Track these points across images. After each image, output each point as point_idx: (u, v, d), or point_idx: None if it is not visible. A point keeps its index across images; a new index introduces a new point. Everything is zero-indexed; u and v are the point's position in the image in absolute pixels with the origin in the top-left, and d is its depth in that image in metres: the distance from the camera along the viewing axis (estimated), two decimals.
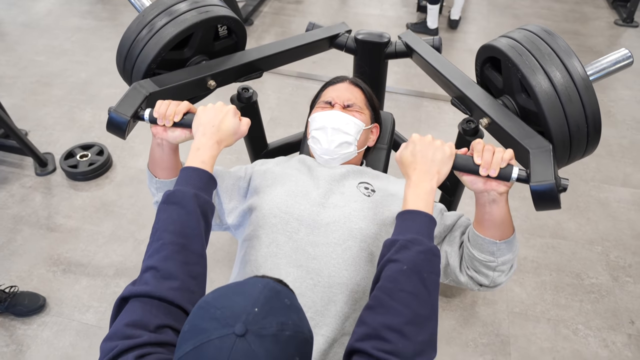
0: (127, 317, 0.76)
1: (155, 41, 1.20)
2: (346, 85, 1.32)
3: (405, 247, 0.83)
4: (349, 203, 1.10)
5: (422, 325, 0.78)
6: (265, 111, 2.93)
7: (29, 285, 1.96)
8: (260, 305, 0.61)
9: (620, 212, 2.33)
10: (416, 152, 0.95)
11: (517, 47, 1.08)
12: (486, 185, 0.94)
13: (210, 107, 1.04)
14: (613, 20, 3.89)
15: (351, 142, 1.22)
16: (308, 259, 1.02)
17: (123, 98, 1.12)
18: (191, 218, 0.88)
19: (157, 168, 1.13)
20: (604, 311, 1.92)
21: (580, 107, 1.01)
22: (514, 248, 1.00)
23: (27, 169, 2.50)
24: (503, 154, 0.92)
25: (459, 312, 1.91)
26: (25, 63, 3.31)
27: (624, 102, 3.05)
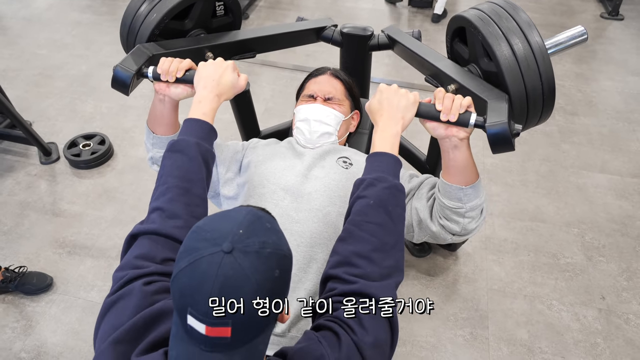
0: (136, 251, 0.86)
1: (159, 8, 1.30)
2: (327, 77, 1.44)
3: (372, 185, 0.93)
4: (328, 174, 1.22)
5: (388, 252, 0.88)
6: (260, 102, 3.04)
7: (36, 266, 2.08)
8: (244, 227, 0.67)
9: (597, 196, 2.45)
10: (382, 100, 1.05)
11: (483, 16, 1.19)
12: (447, 131, 1.03)
13: (210, 62, 1.12)
14: (599, 13, 4.00)
15: (332, 133, 1.34)
16: (292, 222, 1.14)
17: (128, 56, 1.19)
18: (193, 164, 0.97)
19: (156, 124, 1.23)
20: (577, 288, 2.05)
21: (537, 73, 1.11)
22: (480, 193, 1.09)
23: (32, 158, 2.61)
24: (462, 100, 1.02)
25: (441, 290, 2.04)
26: (27, 56, 3.41)
27: (606, 92, 3.16)
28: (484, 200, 1.11)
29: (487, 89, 1.17)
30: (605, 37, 3.74)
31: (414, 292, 2.02)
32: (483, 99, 1.12)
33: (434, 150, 1.70)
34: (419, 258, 2.15)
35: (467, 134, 1.04)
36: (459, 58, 1.40)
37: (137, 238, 0.89)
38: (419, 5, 4.04)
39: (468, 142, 1.06)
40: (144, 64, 1.19)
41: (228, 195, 1.31)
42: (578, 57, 3.46)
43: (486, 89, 1.17)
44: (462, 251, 2.18)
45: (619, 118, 2.96)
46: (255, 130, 1.72)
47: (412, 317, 1.93)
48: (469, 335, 1.88)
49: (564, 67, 3.35)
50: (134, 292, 0.79)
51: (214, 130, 1.07)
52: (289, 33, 1.60)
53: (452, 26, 1.36)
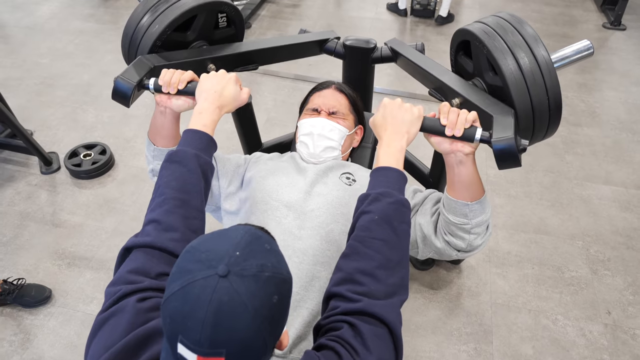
0: (130, 265, 0.83)
1: (161, 19, 1.30)
2: (331, 91, 1.43)
3: (377, 200, 0.91)
4: (331, 191, 1.21)
5: (393, 269, 0.86)
6: (262, 112, 3.03)
7: (35, 278, 2.06)
8: (241, 249, 0.64)
9: (601, 208, 2.43)
10: (386, 114, 1.04)
11: (488, 30, 1.18)
12: (452, 146, 1.01)
13: (213, 74, 1.11)
14: (601, 23, 3.99)
15: (335, 147, 1.33)
16: (294, 239, 1.13)
17: (129, 67, 1.18)
18: (192, 176, 0.95)
19: (157, 136, 1.22)
20: (583, 302, 2.02)
21: (543, 88, 1.10)
22: (486, 209, 1.07)
23: (33, 167, 2.60)
24: (467, 115, 1.00)
25: (445, 304, 2.01)
26: (29, 65, 3.41)
27: (609, 103, 3.15)
28: (489, 216, 1.09)
29: (493, 103, 1.16)
30: (608, 47, 3.73)
31: (417, 306, 2.00)
32: (489, 113, 1.10)
33: (438, 163, 1.69)
34: (422, 271, 2.13)
35: (472, 149, 1.02)
36: (463, 71, 1.39)
37: (131, 251, 0.87)
38: (421, 15, 4.04)
39: (473, 157, 1.04)
40: (146, 76, 1.19)
41: (230, 210, 1.29)
42: (581, 68, 3.45)
43: (492, 103, 1.16)
44: (466, 264, 2.16)
45: (623, 129, 2.94)
46: (257, 142, 1.70)
47: (415, 332, 1.90)
48: (472, 351, 1.86)
49: (566, 78, 3.34)
50: (127, 308, 0.77)
51: (214, 142, 1.05)
52: (291, 45, 1.59)
53: (457, 39, 1.35)
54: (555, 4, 4.32)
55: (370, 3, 4.31)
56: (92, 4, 4.21)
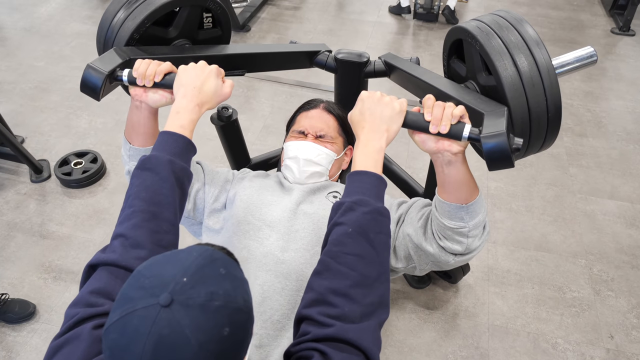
0: (92, 285, 0.77)
1: (139, 11, 1.20)
2: (319, 112, 1.36)
3: (351, 209, 0.83)
4: (317, 211, 1.14)
5: (371, 287, 0.78)
6: (259, 119, 2.96)
7: (20, 292, 2.01)
8: (190, 274, 0.59)
9: (605, 224, 2.34)
10: (364, 110, 0.93)
11: (483, 27, 1.09)
12: (438, 145, 0.92)
13: (192, 67, 1.00)
14: (610, 28, 3.89)
15: (323, 173, 1.27)
16: (277, 263, 1.06)
17: (101, 57, 1.06)
18: (164, 185, 0.87)
19: (133, 133, 1.12)
20: (584, 325, 1.94)
21: (541, 90, 1.01)
22: (482, 209, 0.98)
23: (23, 175, 2.55)
24: (454, 109, 0.89)
25: (440, 325, 1.94)
26: (24, 69, 3.37)
27: (616, 112, 3.06)
28: (486, 214, 1.00)
29: (484, 102, 1.05)
30: (616, 53, 3.63)
31: (412, 327, 1.93)
32: (479, 111, 0.98)
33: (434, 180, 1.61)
34: (418, 289, 2.06)
35: (461, 148, 0.92)
36: (456, 76, 1.31)
37: (96, 269, 0.80)
38: (424, 19, 3.96)
39: (463, 156, 0.94)
40: (119, 67, 1.06)
41: (212, 227, 1.22)
42: (587, 75, 3.35)
43: (483, 102, 1.05)
44: (463, 283, 2.08)
45: (630, 140, 2.85)
46: (245, 159, 1.64)
47: (409, 354, 1.83)
48: None
49: (572, 85, 3.25)
50: (82, 336, 0.71)
51: (192, 145, 0.96)
52: (279, 54, 1.52)
53: (449, 40, 1.27)
54: (563, 7, 4.22)
55: (372, 6, 4.23)
56: (90, 6, 4.16)
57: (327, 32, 3.84)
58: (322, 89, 3.18)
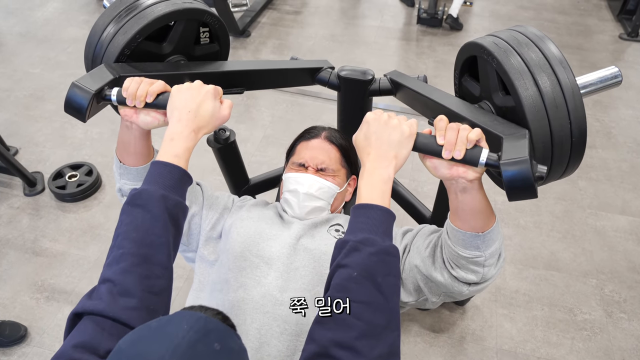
0: (76, 337, 0.70)
1: (130, 25, 1.10)
2: (320, 142, 1.28)
3: (356, 249, 0.75)
4: (319, 246, 1.07)
5: (379, 337, 0.71)
6: (259, 129, 2.89)
7: (11, 313, 1.94)
8: (179, 355, 0.53)
9: (617, 242, 2.26)
10: (370, 134, 0.85)
11: (501, 43, 1.00)
12: (452, 171, 0.83)
13: (187, 87, 0.91)
14: (618, 34, 3.80)
15: (324, 208, 1.20)
16: (275, 304, 0.99)
17: (88, 74, 0.97)
18: (157, 224, 0.79)
19: (124, 153, 1.03)
20: (596, 350, 1.87)
21: (565, 113, 0.92)
22: (499, 236, 0.90)
23: (16, 188, 2.48)
24: (469, 133, 0.81)
25: (447, 349, 1.87)
26: (19, 75, 3.29)
27: (626, 122, 2.98)
28: (502, 242, 0.92)
29: (502, 124, 0.95)
30: (625, 60, 3.55)
31: (417, 352, 1.86)
32: (497, 134, 0.88)
33: (443, 202, 1.53)
34: (423, 311, 1.99)
35: (477, 175, 0.83)
36: (469, 96, 1.23)
37: (81, 317, 0.72)
38: (428, 24, 3.88)
39: (480, 182, 0.85)
40: (107, 85, 0.96)
41: (207, 258, 1.15)
42: None
43: (500, 124, 0.95)
44: (471, 304, 2.01)
45: None
46: (243, 179, 1.56)
47: None
48: None
49: None
50: None
51: (188, 176, 0.87)
52: (279, 70, 1.44)
53: (462, 57, 1.17)
54: (569, 12, 4.13)
55: (374, 11, 4.15)
56: (88, 10, 4.08)
57: (328, 38, 3.76)
58: (324, 97, 3.11)
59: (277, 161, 2.58)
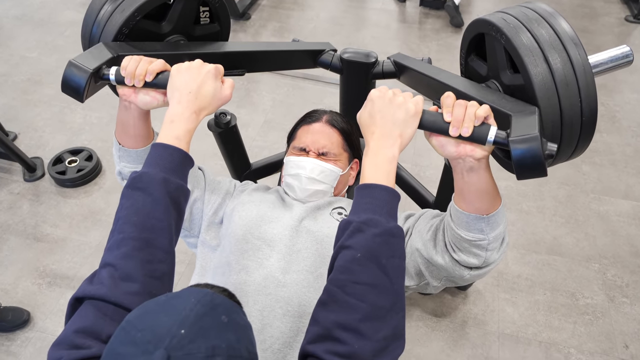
0: (77, 323, 0.69)
1: (129, 2, 1.07)
2: (321, 126, 1.26)
3: (359, 230, 0.73)
4: (321, 229, 1.06)
5: (383, 319, 0.70)
6: (260, 113, 2.86)
7: (13, 299, 1.94)
8: (188, 326, 0.53)
9: (620, 226, 2.26)
10: (374, 112, 0.83)
11: (511, 19, 0.96)
12: (459, 149, 0.81)
13: (187, 67, 0.89)
14: (624, 16, 3.75)
15: (326, 191, 1.18)
16: (278, 286, 0.98)
17: (85, 52, 0.95)
18: (158, 208, 0.78)
19: (123, 134, 1.01)
20: (598, 334, 1.87)
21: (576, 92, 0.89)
22: (503, 219, 0.88)
23: (16, 174, 2.47)
24: (477, 109, 0.79)
25: (449, 333, 1.87)
26: (16, 59, 3.25)
27: (630, 106, 2.95)
28: (506, 225, 0.90)
29: (511, 102, 0.92)
30: (631, 43, 3.50)
31: (419, 336, 1.86)
32: (505, 112, 0.86)
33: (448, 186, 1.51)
34: (425, 295, 1.99)
35: (485, 153, 0.81)
36: (475, 76, 1.19)
37: (82, 302, 0.72)
38: (431, 6, 3.81)
39: (487, 161, 0.83)
40: (105, 64, 0.93)
41: (210, 243, 1.14)
42: None
43: (509, 102, 0.92)
44: (473, 288, 2.01)
45: None
46: (244, 164, 1.55)
47: None
48: None
49: None
50: None
51: (189, 158, 0.85)
52: (281, 52, 1.41)
53: (469, 35, 1.13)
54: None
55: None
56: None
57: (330, 21, 3.71)
58: (325, 81, 3.07)
59: (278, 146, 2.56)
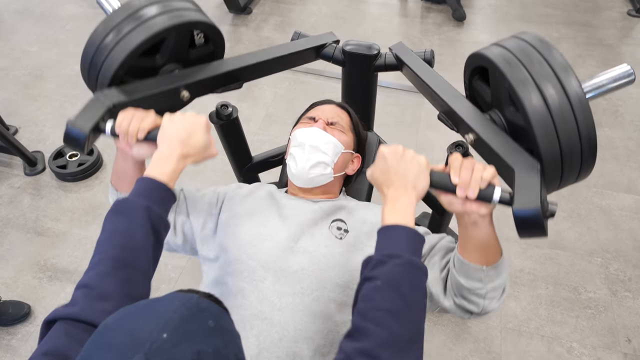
0: (47, 344, 0.67)
1: (122, 46, 1.08)
2: (333, 106, 1.27)
3: (382, 262, 0.75)
4: (319, 248, 1.03)
5: (402, 350, 0.68)
6: (261, 107, 2.85)
7: (14, 293, 1.94)
8: (171, 330, 0.49)
9: (622, 220, 2.25)
10: (388, 168, 0.87)
11: (508, 56, 0.98)
12: (465, 207, 0.85)
13: (179, 117, 0.92)
14: (626, 10, 3.72)
15: (328, 163, 1.15)
16: (273, 310, 0.96)
17: (82, 109, 1.00)
18: (139, 231, 0.78)
19: (119, 181, 1.06)
20: (600, 328, 1.87)
21: (574, 127, 0.91)
22: (503, 273, 0.91)
23: (17, 168, 2.46)
24: (483, 172, 0.83)
25: (450, 327, 1.87)
26: (17, 54, 3.25)
27: (633, 100, 2.93)
28: (506, 279, 0.93)
29: (514, 152, 0.95)
30: (633, 37, 3.48)
31: None
32: (509, 165, 0.92)
33: None
34: None
35: (489, 210, 0.85)
36: (479, 98, 1.18)
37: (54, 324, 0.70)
38: (433, 0, 3.79)
39: (490, 217, 0.87)
40: (103, 117, 1.00)
41: (208, 256, 1.12)
42: (603, 60, 3.21)
43: (513, 152, 0.95)
44: None
45: None
46: (246, 158, 1.54)
47: None
48: None
49: (587, 71, 3.11)
50: None
51: (172, 194, 0.87)
52: (282, 57, 1.39)
53: (469, 66, 1.14)
54: None
55: None
56: None
57: (331, 15, 3.69)
58: (327, 75, 3.06)
59: (280, 140, 2.56)
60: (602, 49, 3.30)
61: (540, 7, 3.80)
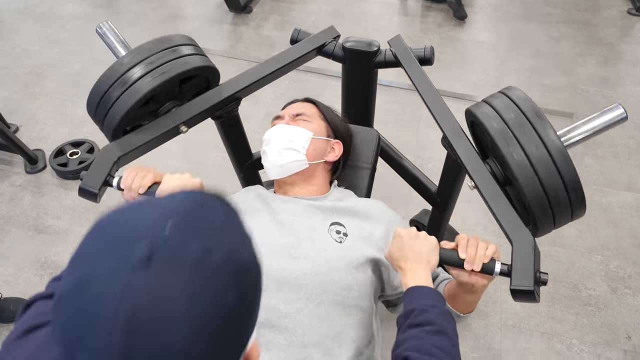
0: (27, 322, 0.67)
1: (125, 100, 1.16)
2: (300, 102, 1.36)
3: (425, 311, 0.83)
4: (319, 253, 1.05)
5: None
6: (261, 106, 2.86)
7: (15, 290, 1.95)
8: (177, 220, 0.43)
9: (622, 218, 2.25)
10: (404, 245, 0.97)
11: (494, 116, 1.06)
12: (470, 278, 0.97)
13: (178, 177, 1.06)
14: (626, 9, 3.72)
15: (298, 150, 1.20)
16: (280, 317, 0.97)
17: (92, 168, 1.13)
18: None
19: None
20: (600, 325, 1.87)
21: (557, 178, 1.01)
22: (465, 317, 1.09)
23: (17, 166, 2.47)
24: (486, 250, 0.94)
25: None
26: (18, 52, 3.25)
27: (633, 98, 2.93)
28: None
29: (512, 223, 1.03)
30: (633, 36, 3.48)
31: None
32: (508, 236, 1.03)
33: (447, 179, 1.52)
34: None
35: (490, 281, 0.97)
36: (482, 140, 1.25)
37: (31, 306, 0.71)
38: None
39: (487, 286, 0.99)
40: (112, 170, 1.13)
41: None
42: (603, 59, 3.22)
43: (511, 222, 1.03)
44: None
45: None
46: (246, 154, 1.54)
47: None
48: None
49: (587, 70, 3.12)
50: None
51: None
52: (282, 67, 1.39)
53: (468, 119, 1.21)
54: None
55: None
56: None
57: (331, 13, 3.70)
58: (327, 74, 3.06)
59: None
60: (603, 48, 3.31)
61: (541, 6, 3.80)
